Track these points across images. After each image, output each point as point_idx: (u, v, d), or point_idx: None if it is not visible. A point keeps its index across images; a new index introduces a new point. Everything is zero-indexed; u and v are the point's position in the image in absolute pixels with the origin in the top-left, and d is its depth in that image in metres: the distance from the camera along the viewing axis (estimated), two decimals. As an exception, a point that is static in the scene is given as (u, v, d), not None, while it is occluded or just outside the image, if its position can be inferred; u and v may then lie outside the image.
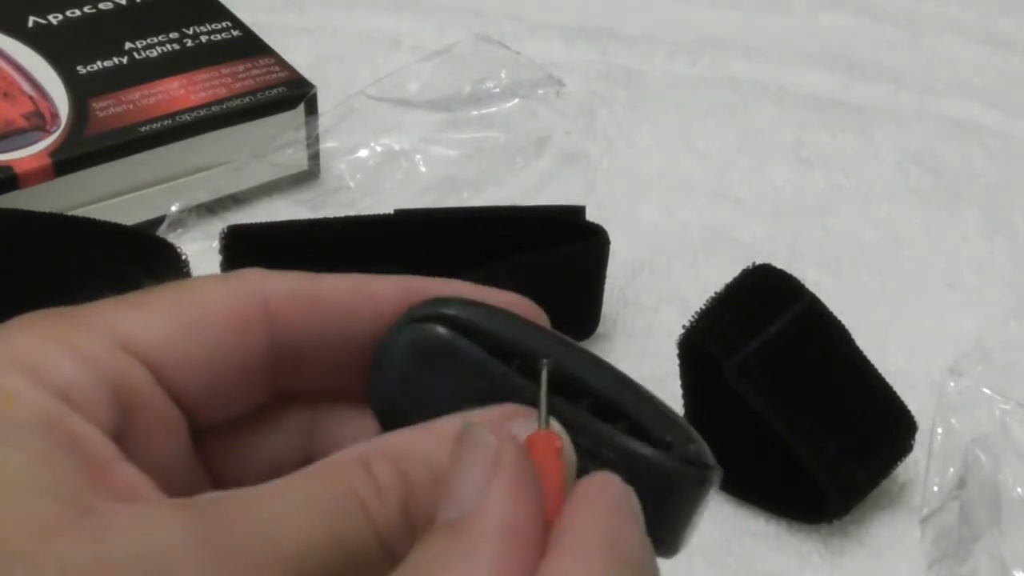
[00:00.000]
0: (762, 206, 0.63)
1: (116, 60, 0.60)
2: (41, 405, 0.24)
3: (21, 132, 0.55)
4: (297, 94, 0.60)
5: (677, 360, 0.48)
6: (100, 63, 0.60)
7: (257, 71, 0.60)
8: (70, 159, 0.54)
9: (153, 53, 0.61)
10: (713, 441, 0.49)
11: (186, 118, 0.57)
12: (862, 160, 0.67)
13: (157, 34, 0.62)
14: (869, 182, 0.66)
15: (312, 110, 0.60)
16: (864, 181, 0.66)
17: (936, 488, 0.47)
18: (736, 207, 0.63)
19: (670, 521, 0.27)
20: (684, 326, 0.47)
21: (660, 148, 0.67)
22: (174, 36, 0.62)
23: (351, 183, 0.61)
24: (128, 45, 0.61)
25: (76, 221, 0.50)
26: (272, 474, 0.25)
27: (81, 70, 0.59)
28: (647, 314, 0.56)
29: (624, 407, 0.28)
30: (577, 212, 0.53)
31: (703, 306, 0.47)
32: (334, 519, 0.24)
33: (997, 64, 0.76)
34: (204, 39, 0.62)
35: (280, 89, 0.60)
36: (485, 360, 0.28)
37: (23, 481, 0.23)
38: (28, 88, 0.58)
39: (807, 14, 0.79)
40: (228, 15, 0.64)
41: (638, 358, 0.54)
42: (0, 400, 0.24)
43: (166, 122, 0.57)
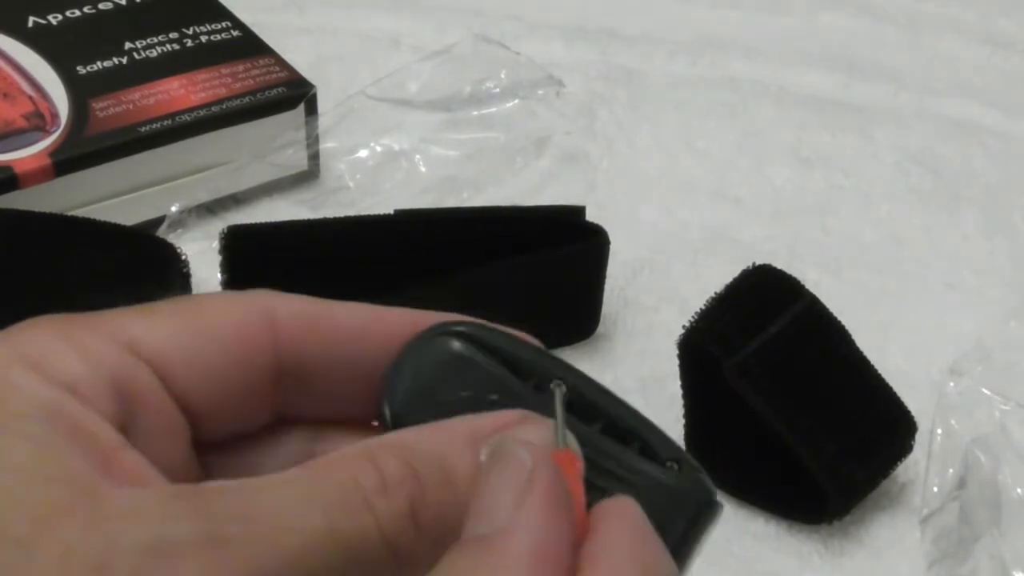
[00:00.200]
0: (762, 206, 0.63)
1: (116, 60, 0.60)
2: (45, 396, 0.25)
3: (21, 132, 0.55)
4: (297, 94, 0.60)
5: (677, 360, 0.48)
6: (100, 63, 0.60)
7: (257, 71, 0.60)
8: (70, 159, 0.54)
9: (153, 53, 0.61)
10: (713, 441, 0.49)
11: (186, 118, 0.57)
12: (862, 160, 0.67)
13: (157, 34, 0.62)
14: (869, 182, 0.66)
15: (312, 110, 0.60)
16: (864, 181, 0.66)
17: (936, 488, 0.47)
18: (736, 207, 0.63)
19: (679, 542, 0.27)
20: (684, 326, 0.47)
21: (660, 148, 0.67)
22: (174, 36, 0.62)
23: (351, 183, 0.61)
24: (128, 45, 0.61)
25: (76, 221, 0.50)
26: None
27: (81, 70, 0.59)
28: (647, 314, 0.56)
29: (636, 431, 0.28)
30: (577, 212, 0.53)
31: (703, 306, 0.47)
32: (336, 514, 0.24)
33: (997, 64, 0.76)
34: (204, 39, 0.62)
35: (280, 89, 0.60)
36: (503, 375, 0.28)
37: (27, 468, 0.23)
38: (28, 88, 0.58)
39: (807, 14, 0.79)
40: (228, 15, 0.64)
41: (638, 358, 0.54)
42: (4, 392, 0.24)
43: (166, 122, 0.57)
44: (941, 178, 0.66)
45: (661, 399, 0.50)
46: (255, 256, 0.50)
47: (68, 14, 0.63)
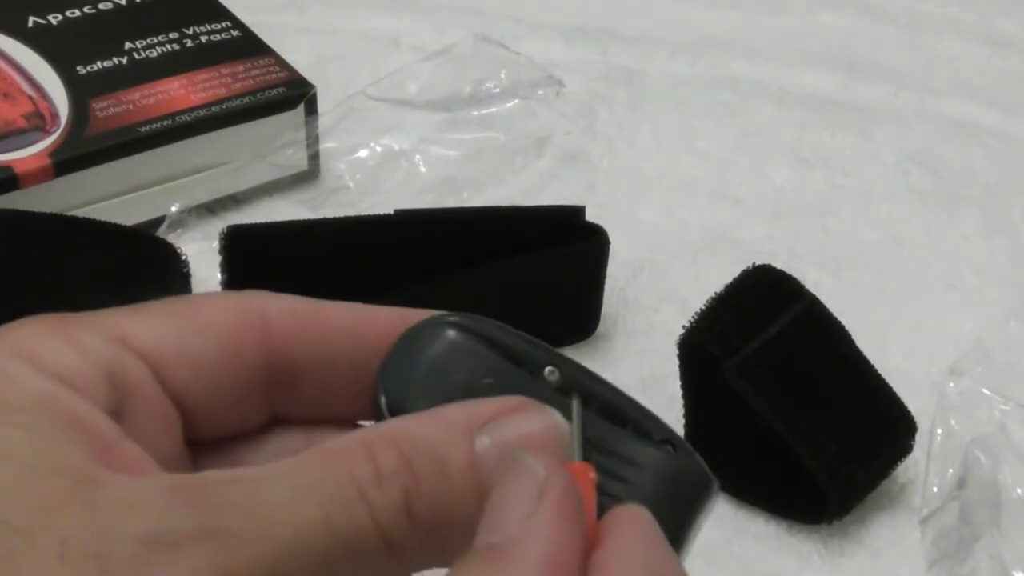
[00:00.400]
0: (762, 206, 0.63)
1: (116, 60, 0.60)
2: (41, 388, 0.25)
3: (21, 132, 0.55)
4: (297, 94, 0.60)
5: (677, 360, 0.48)
6: (100, 63, 0.60)
7: (257, 71, 0.60)
8: (70, 159, 0.54)
9: (153, 53, 0.61)
10: (713, 441, 0.49)
11: (186, 118, 0.57)
12: (862, 160, 0.67)
13: (157, 34, 0.62)
14: (869, 182, 0.66)
15: (312, 110, 0.60)
16: (864, 181, 0.66)
17: (936, 488, 0.47)
18: (736, 207, 0.63)
19: (679, 523, 0.28)
20: (684, 326, 0.47)
21: (660, 148, 0.67)
22: (174, 36, 0.62)
23: (351, 183, 0.61)
24: (128, 45, 0.61)
25: (76, 221, 0.50)
26: None
27: (81, 70, 0.59)
28: (647, 314, 0.56)
29: (629, 414, 0.29)
30: (577, 212, 0.53)
31: (703, 306, 0.47)
32: (331, 506, 0.24)
33: (997, 64, 0.76)
34: (204, 39, 0.62)
35: (280, 89, 0.60)
36: (497, 361, 0.28)
37: (24, 459, 0.23)
38: (28, 88, 0.58)
39: (807, 14, 0.79)
40: (228, 15, 0.64)
41: (638, 358, 0.54)
42: (0, 384, 0.24)
43: (166, 122, 0.57)
44: (941, 178, 0.66)
45: (661, 399, 0.50)
46: (255, 256, 0.50)
47: (68, 14, 0.63)
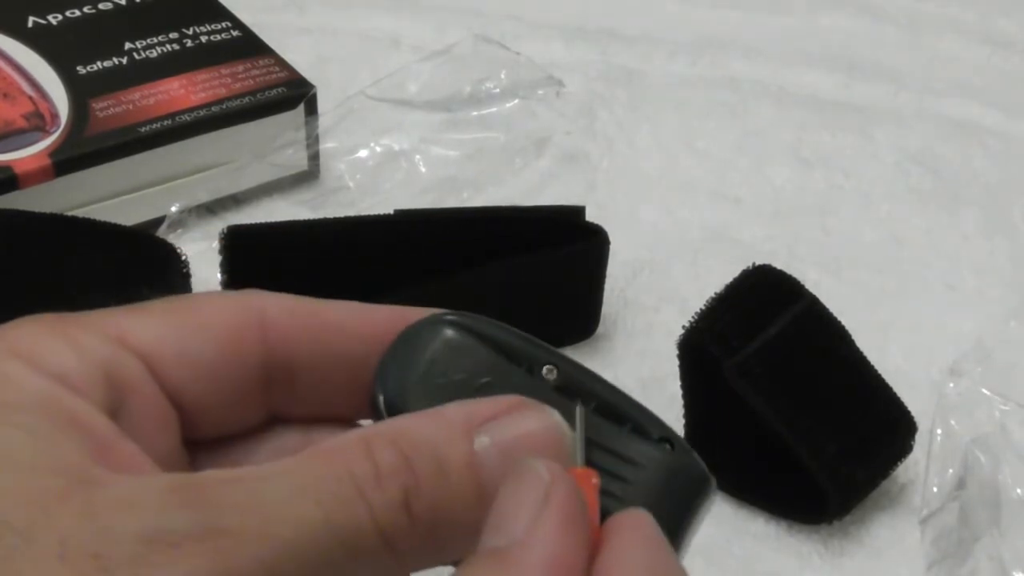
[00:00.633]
0: (762, 206, 0.63)
1: (116, 60, 0.60)
2: (39, 387, 0.25)
3: (21, 132, 0.55)
4: (297, 94, 0.60)
5: (677, 360, 0.48)
6: (100, 63, 0.60)
7: (257, 71, 0.60)
8: (70, 159, 0.54)
9: (153, 53, 0.61)
10: (713, 441, 0.49)
11: (186, 118, 0.57)
12: (862, 160, 0.67)
13: (157, 34, 0.62)
14: (869, 182, 0.66)
15: (312, 110, 0.60)
16: (864, 181, 0.66)
17: (936, 489, 0.47)
18: (736, 207, 0.63)
19: (678, 520, 0.28)
20: (684, 326, 0.47)
21: (660, 148, 0.67)
22: (174, 36, 0.62)
23: (351, 183, 0.61)
24: (128, 45, 0.61)
25: (76, 221, 0.50)
26: None
27: (81, 70, 0.59)
28: (647, 314, 0.56)
29: (628, 411, 0.29)
30: (577, 212, 0.53)
31: (703, 306, 0.47)
32: (330, 505, 0.24)
33: (997, 64, 0.76)
34: (204, 39, 0.62)
35: (280, 89, 0.60)
36: (495, 359, 0.28)
37: (23, 458, 0.23)
38: (28, 88, 0.58)
39: (807, 14, 0.79)
40: (228, 15, 0.64)
41: (638, 358, 0.54)
42: None
43: (166, 122, 0.57)
44: (941, 178, 0.66)
45: (661, 399, 0.50)
46: (255, 256, 0.50)
47: (68, 14, 0.63)
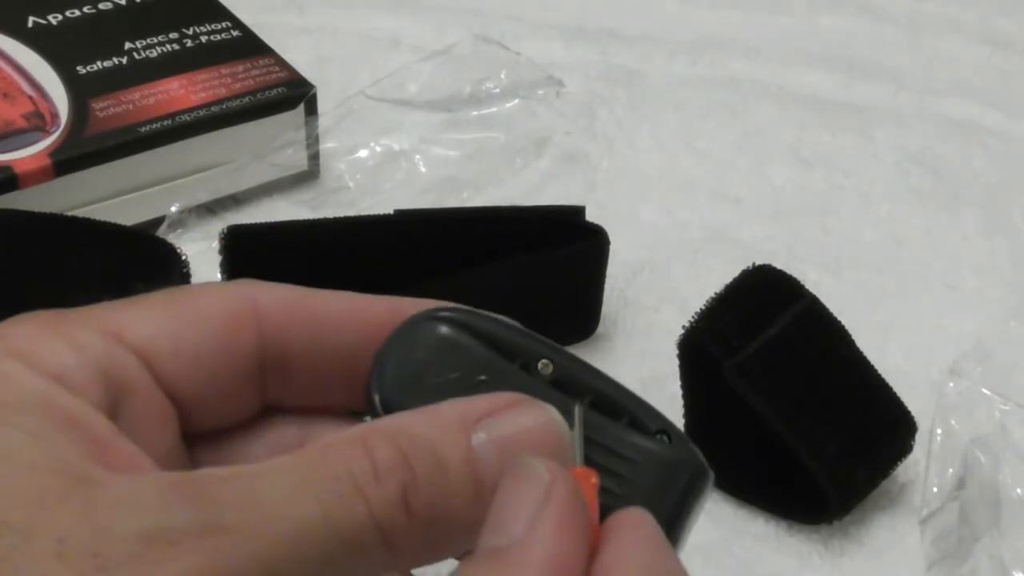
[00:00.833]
0: (762, 206, 0.63)
1: (116, 60, 0.60)
2: (37, 387, 0.25)
3: (21, 132, 0.55)
4: (297, 94, 0.60)
5: (677, 360, 0.48)
6: (100, 63, 0.60)
7: (257, 71, 0.60)
8: (70, 159, 0.54)
9: (153, 53, 0.61)
10: (713, 441, 0.49)
11: (186, 118, 0.57)
12: (862, 160, 0.67)
13: (157, 34, 0.62)
14: (869, 182, 0.66)
15: (312, 110, 0.60)
16: (864, 181, 0.66)
17: (936, 489, 0.47)
18: (736, 207, 0.63)
19: (675, 513, 0.28)
20: (684, 326, 0.47)
21: (660, 148, 0.67)
22: (174, 36, 0.62)
23: (351, 183, 0.61)
24: (128, 45, 0.61)
25: (76, 221, 0.50)
26: None
27: (81, 70, 0.59)
28: (647, 314, 0.56)
29: (624, 405, 0.29)
30: (577, 212, 0.53)
31: (703, 306, 0.47)
32: (329, 502, 0.24)
33: (997, 64, 0.76)
34: (204, 39, 0.62)
35: (280, 89, 0.60)
36: (490, 356, 0.28)
37: (21, 458, 0.23)
38: (28, 88, 0.58)
39: (807, 14, 0.79)
40: (228, 15, 0.64)
41: (638, 358, 0.54)
42: None
43: (166, 122, 0.57)
44: (941, 178, 0.66)
45: (661, 399, 0.50)
46: (255, 256, 0.50)
47: (68, 14, 0.63)
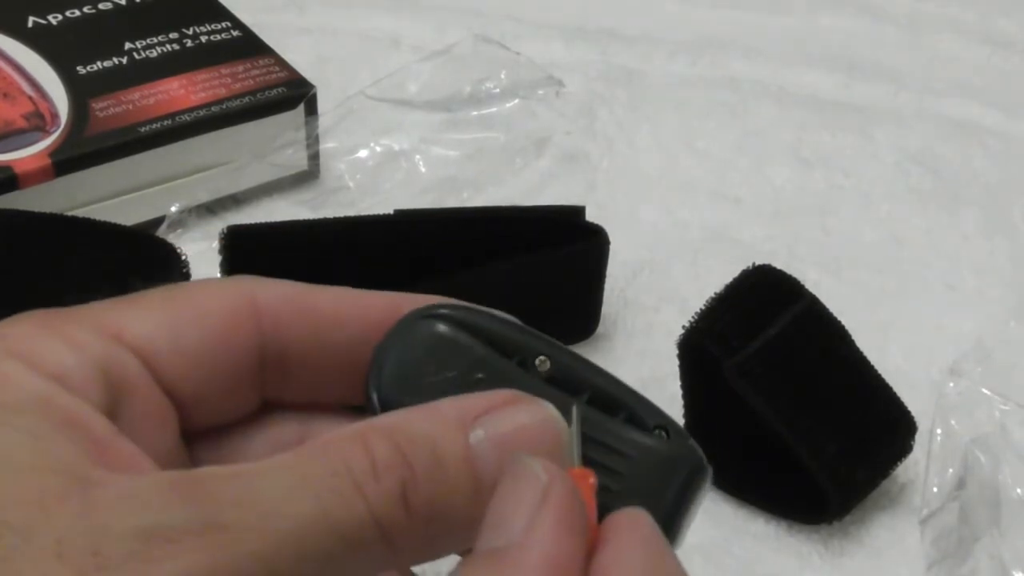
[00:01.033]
0: (762, 206, 0.63)
1: (116, 60, 0.60)
2: (36, 387, 0.25)
3: (21, 132, 0.55)
4: (297, 94, 0.60)
5: (677, 360, 0.48)
6: (100, 63, 0.60)
7: (257, 71, 0.60)
8: (70, 159, 0.54)
9: (153, 53, 0.61)
10: (713, 441, 0.49)
11: (186, 118, 0.57)
12: (862, 160, 0.67)
13: (157, 34, 0.62)
14: (869, 182, 0.66)
15: (312, 110, 0.60)
16: (864, 181, 0.66)
17: (936, 489, 0.47)
18: (736, 207, 0.63)
19: (674, 509, 0.28)
20: (684, 326, 0.47)
21: (660, 148, 0.67)
22: (174, 36, 0.62)
23: (351, 183, 0.61)
24: (128, 45, 0.61)
25: (76, 221, 0.50)
26: None
27: (81, 70, 0.59)
28: (647, 314, 0.56)
29: (622, 401, 0.29)
30: (577, 212, 0.53)
31: (703, 306, 0.47)
32: (328, 499, 0.24)
33: (997, 64, 0.76)
34: (204, 39, 0.62)
35: (280, 89, 0.60)
36: (487, 354, 0.28)
37: (22, 458, 0.23)
38: (28, 88, 0.58)
39: (807, 14, 0.79)
40: (228, 15, 0.64)
41: (638, 358, 0.54)
42: None
43: (166, 122, 0.57)
44: (941, 178, 0.66)
45: (661, 399, 0.50)
46: (255, 256, 0.50)
47: (68, 14, 0.63)
